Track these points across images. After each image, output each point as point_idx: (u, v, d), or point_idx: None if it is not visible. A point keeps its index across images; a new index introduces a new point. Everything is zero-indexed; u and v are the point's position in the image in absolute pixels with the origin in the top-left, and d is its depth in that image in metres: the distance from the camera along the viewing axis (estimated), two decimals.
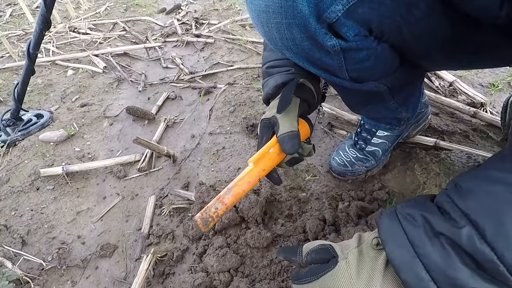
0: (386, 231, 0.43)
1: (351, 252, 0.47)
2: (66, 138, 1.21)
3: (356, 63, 0.55)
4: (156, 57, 1.75)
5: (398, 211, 0.44)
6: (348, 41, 0.50)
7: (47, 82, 1.59)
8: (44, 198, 1.00)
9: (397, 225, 0.42)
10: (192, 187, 0.99)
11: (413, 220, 0.41)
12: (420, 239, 0.39)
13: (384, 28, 0.51)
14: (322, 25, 0.48)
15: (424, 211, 0.41)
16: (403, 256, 0.40)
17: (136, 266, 0.80)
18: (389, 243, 0.42)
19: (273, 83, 0.69)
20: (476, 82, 1.21)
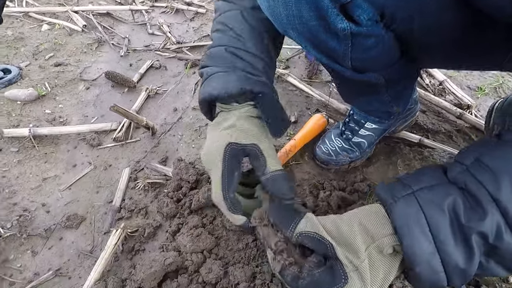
0: (403, 220, 0.38)
1: (362, 263, 0.40)
2: (35, 98, 1.11)
3: (362, 50, 0.52)
4: (142, 21, 1.64)
5: (418, 195, 0.39)
6: (360, 26, 0.47)
7: (18, 35, 1.45)
8: (7, 161, 0.93)
9: (419, 213, 0.38)
10: (170, 162, 0.94)
11: (438, 209, 0.37)
12: (445, 234, 0.36)
13: (397, 15, 0.48)
14: (335, 5, 0.44)
15: (448, 196, 0.37)
16: (423, 251, 0.37)
17: (104, 240, 0.76)
18: (408, 236, 0.37)
19: (238, 83, 0.51)
20: (465, 84, 1.21)
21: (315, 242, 0.43)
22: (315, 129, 0.98)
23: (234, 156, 0.50)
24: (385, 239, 0.40)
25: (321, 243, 0.42)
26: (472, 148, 0.43)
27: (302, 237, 0.44)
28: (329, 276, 0.41)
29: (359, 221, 0.43)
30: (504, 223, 0.34)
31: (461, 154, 0.42)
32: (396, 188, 0.42)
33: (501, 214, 0.34)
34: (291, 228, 0.45)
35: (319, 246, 0.43)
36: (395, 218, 0.39)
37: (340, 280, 0.40)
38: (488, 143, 0.42)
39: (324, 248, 0.42)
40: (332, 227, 0.44)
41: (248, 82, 0.52)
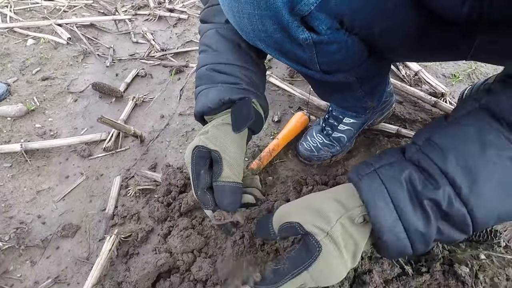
0: (369, 194, 0.42)
1: (333, 227, 0.43)
2: (25, 113, 1.14)
3: (327, 55, 0.56)
4: (126, 30, 1.66)
5: (380, 172, 0.43)
6: (321, 35, 0.51)
7: (4, 51, 1.47)
8: (1, 176, 0.96)
9: (381, 187, 0.41)
10: (159, 168, 0.98)
11: (397, 182, 0.41)
12: (404, 202, 0.40)
13: (355, 21, 0.52)
14: (295, 18, 0.48)
15: (405, 171, 0.41)
16: (387, 219, 0.40)
17: (99, 247, 0.80)
18: (373, 207, 0.41)
19: (216, 95, 0.55)
20: (440, 73, 1.26)
21: (287, 230, 0.46)
22: (297, 127, 1.02)
23: (200, 157, 0.52)
24: (356, 209, 0.43)
25: (291, 228, 0.45)
26: (426, 129, 0.47)
27: (281, 232, 0.48)
28: (304, 250, 0.44)
29: (331, 195, 0.46)
30: (453, 192, 0.39)
31: (416, 135, 0.47)
32: (361, 167, 0.46)
33: (450, 185, 0.39)
34: (270, 231, 0.49)
35: (291, 231, 0.46)
36: (362, 193, 0.42)
37: (315, 250, 0.42)
38: (439, 124, 0.46)
39: (295, 230, 0.45)
40: (300, 205, 0.48)
41: (226, 92, 0.56)
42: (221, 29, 0.64)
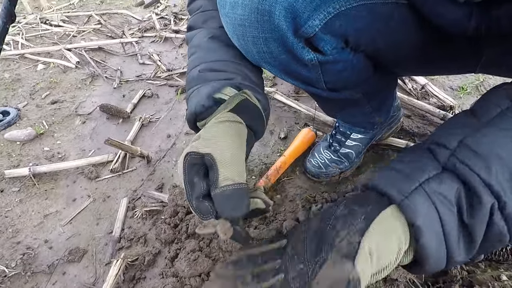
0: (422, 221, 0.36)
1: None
2: (34, 137, 1.16)
3: (333, 74, 0.56)
4: (133, 52, 1.70)
5: (425, 188, 0.37)
6: (326, 55, 0.50)
7: (15, 76, 1.51)
8: (9, 201, 0.96)
9: (431, 211, 0.37)
10: (166, 188, 0.97)
11: (447, 205, 0.37)
12: (453, 232, 0.37)
13: (360, 40, 0.52)
14: (300, 40, 0.48)
15: (452, 189, 0.37)
16: (434, 248, 0.37)
17: (106, 271, 0.78)
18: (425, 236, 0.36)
19: (206, 91, 0.50)
20: (447, 85, 1.25)
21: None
22: (304, 143, 1.01)
23: (193, 165, 0.44)
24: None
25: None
26: (452, 128, 0.42)
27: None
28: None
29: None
30: (496, 207, 0.36)
31: (443, 136, 0.41)
32: (399, 180, 0.39)
33: (494, 198, 0.36)
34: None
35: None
36: (411, 216, 0.37)
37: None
38: (469, 123, 0.41)
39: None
40: None
41: (218, 88, 0.50)
42: (214, 32, 0.59)
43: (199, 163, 0.44)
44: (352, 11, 0.47)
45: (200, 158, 0.44)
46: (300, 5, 0.45)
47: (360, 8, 0.48)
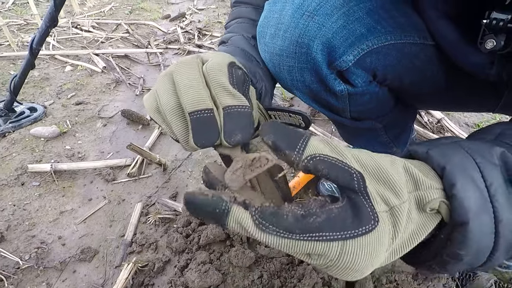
0: (458, 167, 0.29)
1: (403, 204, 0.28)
2: (57, 134, 1.20)
3: (360, 105, 0.59)
4: (156, 62, 1.77)
5: (461, 144, 0.31)
6: (356, 87, 0.54)
7: (44, 75, 1.58)
8: (28, 194, 0.99)
9: (467, 160, 0.30)
10: (180, 197, 0.99)
11: (487, 157, 0.30)
12: (497, 183, 0.29)
13: (387, 75, 0.55)
14: (332, 72, 0.52)
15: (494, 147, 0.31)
16: (475, 203, 0.28)
17: (115, 274, 0.80)
18: (462, 182, 0.28)
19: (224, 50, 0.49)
20: (463, 121, 1.27)
21: (335, 169, 0.27)
22: None
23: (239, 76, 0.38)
24: (432, 191, 0.29)
25: (343, 171, 0.27)
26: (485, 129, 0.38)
27: (315, 162, 0.28)
28: (351, 214, 0.27)
29: (401, 163, 0.30)
30: None
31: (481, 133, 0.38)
32: (430, 141, 0.34)
33: None
34: (300, 148, 0.28)
35: (340, 175, 0.27)
36: (440, 158, 0.30)
37: (368, 221, 0.27)
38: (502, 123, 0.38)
39: (348, 178, 0.27)
40: (364, 156, 0.29)
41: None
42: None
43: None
44: (382, 49, 0.51)
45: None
46: (337, 41, 0.48)
47: (390, 47, 0.51)
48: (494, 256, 0.29)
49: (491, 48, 0.45)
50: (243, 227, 0.26)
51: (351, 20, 0.49)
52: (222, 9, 2.60)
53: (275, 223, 0.25)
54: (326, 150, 0.28)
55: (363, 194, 0.27)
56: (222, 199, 0.26)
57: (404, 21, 0.53)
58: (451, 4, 0.49)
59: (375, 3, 0.50)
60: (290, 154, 0.28)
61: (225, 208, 0.26)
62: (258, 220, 0.25)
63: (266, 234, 0.25)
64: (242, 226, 0.26)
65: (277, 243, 0.25)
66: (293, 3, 0.50)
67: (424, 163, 0.31)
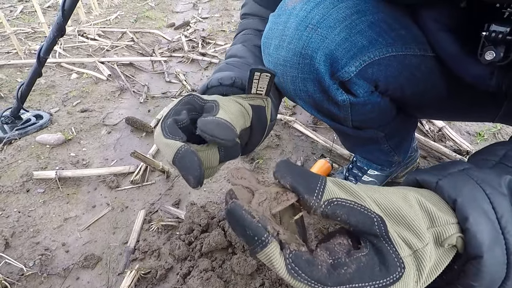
0: (469, 200, 0.29)
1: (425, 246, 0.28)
2: (62, 142, 1.22)
3: (361, 114, 0.60)
4: (161, 70, 1.79)
5: (469, 173, 0.31)
6: (358, 97, 0.55)
7: (50, 83, 1.61)
8: (33, 201, 1.00)
9: (477, 190, 0.30)
10: (183, 205, 1.00)
11: (498, 187, 0.30)
12: (507, 217, 0.29)
13: (389, 85, 0.56)
14: (335, 82, 0.53)
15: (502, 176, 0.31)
16: (488, 235, 0.28)
17: (118, 281, 0.80)
18: (474, 216, 0.28)
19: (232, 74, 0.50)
20: (464, 130, 1.27)
21: (354, 214, 0.27)
22: (319, 174, 1.03)
23: (187, 103, 0.42)
24: (450, 226, 0.29)
25: (364, 216, 0.27)
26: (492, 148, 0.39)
27: (333, 207, 0.27)
28: (377, 263, 0.26)
29: (415, 198, 0.30)
30: None
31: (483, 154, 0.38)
32: (438, 169, 0.34)
33: None
34: (318, 192, 0.28)
35: (360, 220, 0.27)
36: (450, 190, 0.30)
37: (395, 269, 0.26)
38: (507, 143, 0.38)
39: (369, 224, 0.27)
40: (379, 197, 0.29)
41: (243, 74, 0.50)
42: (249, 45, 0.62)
43: (197, 106, 0.42)
44: (384, 61, 0.52)
45: (200, 103, 0.42)
46: (340, 53, 0.49)
47: (391, 58, 0.52)
48: (506, 285, 0.29)
49: (490, 60, 0.46)
50: (273, 266, 0.25)
51: (353, 33, 0.50)
52: (226, 18, 2.64)
53: (308, 273, 0.25)
54: (342, 194, 0.28)
55: (385, 239, 0.27)
56: (266, 231, 0.26)
57: (404, 34, 0.54)
58: (450, 16, 0.50)
59: (376, 16, 0.52)
60: (309, 199, 0.28)
61: (265, 240, 0.25)
62: (291, 265, 0.25)
63: (296, 281, 0.25)
64: (272, 264, 0.25)
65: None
66: (297, 15, 0.51)
67: (433, 193, 0.32)
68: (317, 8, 0.50)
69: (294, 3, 0.52)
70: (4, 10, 2.68)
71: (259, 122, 0.48)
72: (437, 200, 0.31)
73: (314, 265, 0.25)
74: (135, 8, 2.86)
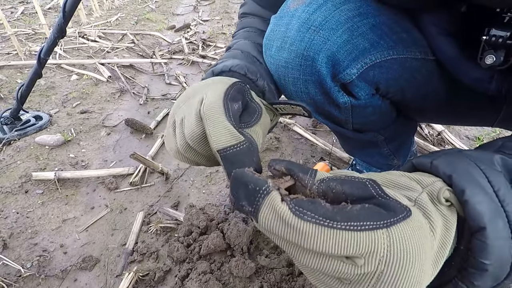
0: (465, 174, 0.29)
1: (421, 195, 0.28)
2: (62, 143, 1.21)
3: (362, 117, 0.60)
4: (161, 72, 1.80)
5: (464, 153, 0.32)
6: (359, 99, 0.55)
7: (50, 84, 1.61)
8: (32, 202, 0.99)
9: (472, 166, 0.30)
10: (181, 207, 0.99)
11: (490, 164, 0.30)
12: (506, 189, 0.29)
13: (390, 88, 0.56)
14: (336, 84, 0.53)
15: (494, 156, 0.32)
16: (489, 205, 0.27)
17: (116, 283, 0.80)
18: (471, 188, 0.28)
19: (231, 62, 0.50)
20: (463, 134, 1.27)
21: (347, 183, 0.27)
22: None
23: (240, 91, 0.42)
24: (437, 183, 0.29)
25: (356, 183, 0.27)
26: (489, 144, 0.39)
27: (327, 181, 0.28)
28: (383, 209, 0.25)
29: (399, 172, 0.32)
30: None
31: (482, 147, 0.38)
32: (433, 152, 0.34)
33: None
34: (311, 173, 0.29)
35: (354, 186, 0.27)
36: (445, 167, 0.30)
37: (402, 210, 0.25)
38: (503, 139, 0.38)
39: (363, 187, 0.27)
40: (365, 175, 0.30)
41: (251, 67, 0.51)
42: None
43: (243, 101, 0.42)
44: (385, 63, 0.52)
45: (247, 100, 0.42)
46: (341, 55, 0.50)
47: (392, 61, 0.52)
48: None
49: (490, 64, 0.47)
50: (278, 213, 0.24)
51: (355, 35, 0.50)
52: (226, 21, 2.65)
53: (314, 210, 0.23)
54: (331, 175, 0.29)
55: (382, 196, 0.26)
56: (267, 182, 0.25)
57: (406, 37, 0.54)
58: (450, 21, 0.51)
59: (378, 19, 0.52)
60: (304, 177, 0.28)
61: (266, 190, 0.25)
62: (295, 207, 0.24)
63: (303, 221, 0.23)
64: (276, 211, 0.24)
65: (316, 232, 0.23)
66: (299, 17, 0.52)
67: (427, 174, 0.31)
68: (319, 10, 0.51)
69: (296, 5, 0.53)
70: (5, 11, 2.68)
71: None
72: (423, 173, 0.31)
73: (317, 203, 0.24)
74: (135, 10, 2.87)
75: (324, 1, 0.51)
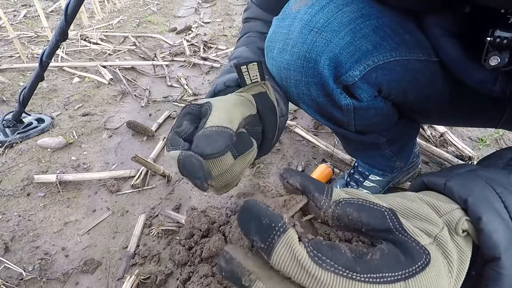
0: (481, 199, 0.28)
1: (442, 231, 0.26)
2: (64, 145, 1.22)
3: (364, 119, 0.59)
4: (162, 74, 1.80)
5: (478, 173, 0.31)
6: (361, 101, 0.55)
7: (52, 87, 1.61)
8: (34, 205, 0.99)
9: (487, 189, 0.29)
10: (183, 209, 0.99)
11: (509, 185, 0.29)
12: None
13: (392, 90, 0.56)
14: (339, 86, 0.53)
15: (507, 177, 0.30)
16: (505, 233, 0.27)
17: (117, 286, 0.79)
18: (487, 215, 0.27)
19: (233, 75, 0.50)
20: (466, 135, 1.26)
21: (365, 210, 0.26)
22: (321, 179, 1.03)
23: (187, 113, 0.42)
24: (456, 211, 0.28)
25: (374, 211, 0.26)
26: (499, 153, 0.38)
27: (343, 205, 0.26)
28: (401, 253, 0.24)
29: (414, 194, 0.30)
30: None
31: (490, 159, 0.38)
32: (445, 171, 0.33)
33: None
34: (327, 192, 0.27)
35: (372, 216, 0.26)
36: (460, 190, 0.29)
37: (420, 256, 0.24)
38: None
39: (380, 218, 0.26)
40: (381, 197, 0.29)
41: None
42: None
43: (195, 113, 0.42)
44: (388, 65, 0.51)
45: (198, 110, 0.42)
46: (344, 57, 0.49)
47: (395, 63, 0.52)
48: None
49: (495, 65, 0.46)
50: (295, 255, 0.22)
51: (357, 37, 0.50)
52: (227, 23, 2.65)
53: (333, 259, 0.22)
54: (348, 196, 0.27)
55: (400, 232, 0.25)
56: (282, 217, 0.23)
57: (409, 38, 0.54)
58: (454, 22, 0.50)
59: (380, 21, 0.52)
60: (320, 198, 0.26)
61: (283, 226, 0.22)
62: (313, 252, 0.22)
63: (322, 269, 0.21)
64: (293, 254, 0.22)
65: (334, 282, 0.21)
66: (301, 19, 0.51)
67: (441, 195, 0.30)
68: (321, 11, 0.50)
69: (298, 7, 0.52)
70: (7, 14, 2.70)
71: (266, 107, 0.47)
72: (437, 195, 0.30)
73: (337, 250, 0.23)
74: (137, 12, 2.88)
75: (326, 2, 0.51)
